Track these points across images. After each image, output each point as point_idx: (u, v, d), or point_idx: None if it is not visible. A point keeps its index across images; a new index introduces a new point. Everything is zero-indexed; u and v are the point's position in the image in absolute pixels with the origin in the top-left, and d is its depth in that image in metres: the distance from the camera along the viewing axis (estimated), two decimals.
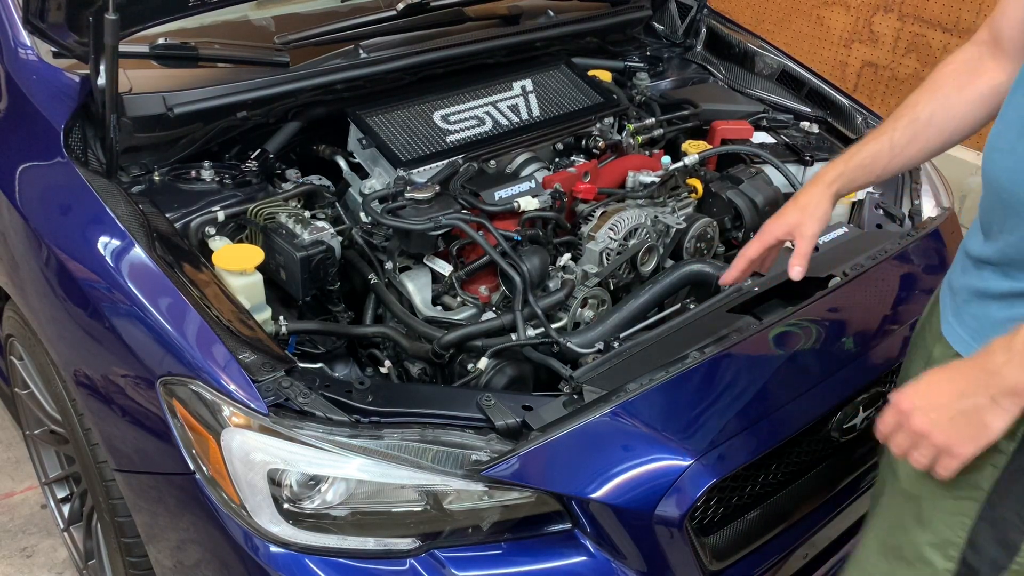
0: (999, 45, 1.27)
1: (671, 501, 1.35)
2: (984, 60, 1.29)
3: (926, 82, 1.33)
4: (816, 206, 1.35)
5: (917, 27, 3.96)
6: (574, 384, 1.46)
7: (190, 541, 1.47)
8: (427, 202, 1.69)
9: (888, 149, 1.33)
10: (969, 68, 1.30)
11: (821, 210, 1.35)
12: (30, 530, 2.28)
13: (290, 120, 1.91)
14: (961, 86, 1.29)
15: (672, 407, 1.44)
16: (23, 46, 1.76)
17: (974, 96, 1.29)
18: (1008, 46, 1.25)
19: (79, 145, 1.67)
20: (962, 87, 1.29)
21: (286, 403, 1.31)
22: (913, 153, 1.34)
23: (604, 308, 1.78)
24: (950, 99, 1.30)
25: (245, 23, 2.15)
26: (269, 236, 1.65)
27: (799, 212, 1.37)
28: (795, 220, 1.37)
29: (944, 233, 1.99)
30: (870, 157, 1.35)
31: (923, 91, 1.33)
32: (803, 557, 1.66)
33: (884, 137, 1.34)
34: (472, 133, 1.93)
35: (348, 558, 1.32)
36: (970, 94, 1.29)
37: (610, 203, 1.89)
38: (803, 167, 2.18)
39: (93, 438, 1.60)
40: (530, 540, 1.37)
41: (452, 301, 1.74)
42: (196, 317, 1.39)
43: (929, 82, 1.33)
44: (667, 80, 2.47)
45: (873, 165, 1.35)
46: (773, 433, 1.48)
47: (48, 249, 1.59)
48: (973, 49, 1.31)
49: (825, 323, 1.64)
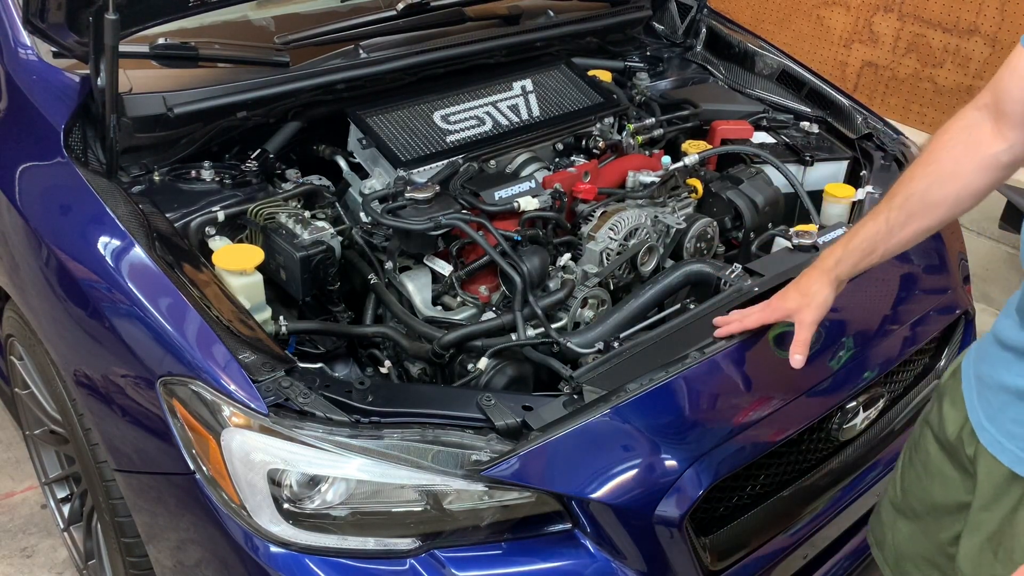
0: (1001, 111, 1.19)
1: (671, 501, 1.35)
2: (983, 127, 1.22)
3: (923, 153, 1.27)
4: (817, 293, 1.37)
5: (917, 27, 3.96)
6: (574, 384, 1.46)
7: (190, 541, 1.47)
8: (427, 202, 1.69)
9: (885, 231, 1.30)
10: (967, 138, 1.23)
11: (821, 297, 1.37)
12: (30, 530, 2.28)
13: (290, 120, 1.91)
14: (957, 159, 1.23)
15: (672, 407, 1.44)
16: (23, 46, 1.76)
17: (970, 167, 1.22)
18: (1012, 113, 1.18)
19: (79, 145, 1.67)
20: (958, 160, 1.23)
21: (286, 403, 1.31)
22: (908, 234, 1.29)
23: (604, 308, 1.78)
24: (945, 175, 1.23)
25: (245, 23, 2.15)
26: (269, 236, 1.65)
27: (800, 297, 1.39)
28: (795, 306, 1.40)
29: (944, 233, 1.99)
30: (867, 242, 1.32)
31: (917, 165, 1.27)
32: (803, 557, 1.66)
33: (880, 217, 1.31)
34: (472, 133, 1.93)
35: (348, 558, 1.32)
36: (966, 165, 1.22)
37: (610, 203, 1.89)
38: (803, 167, 2.18)
39: (93, 438, 1.60)
40: (530, 540, 1.37)
41: (452, 301, 1.74)
42: (196, 317, 1.39)
43: (926, 154, 1.27)
44: (667, 80, 2.47)
45: (872, 249, 1.33)
46: (773, 433, 1.48)
47: (48, 249, 1.59)
48: (974, 114, 1.24)
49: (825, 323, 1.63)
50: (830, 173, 2.21)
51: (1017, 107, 1.17)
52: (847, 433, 1.61)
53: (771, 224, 2.05)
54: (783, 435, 1.49)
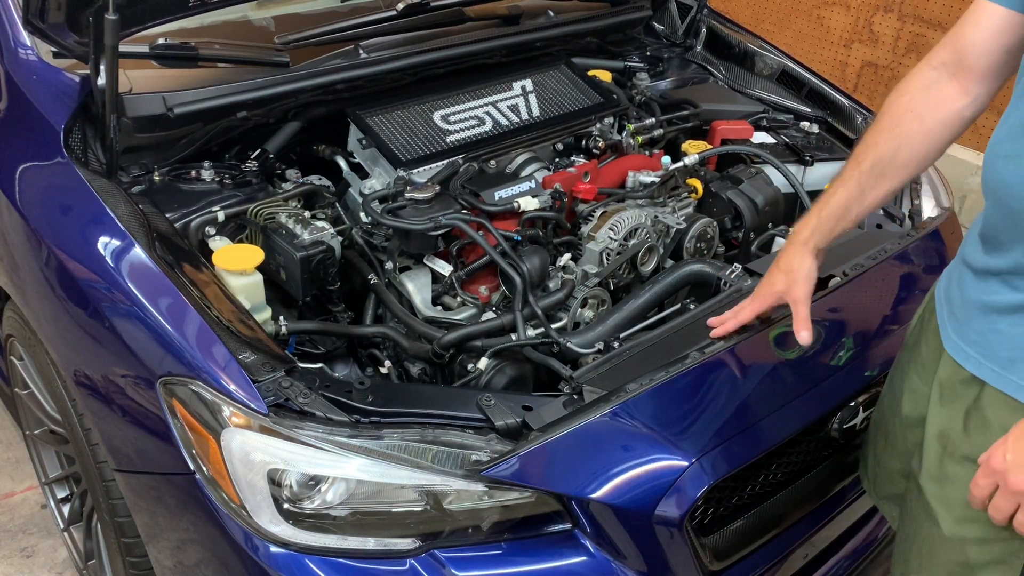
0: (963, 66, 1.22)
1: (671, 501, 1.35)
2: (943, 85, 1.25)
3: (882, 117, 1.30)
4: (800, 267, 1.38)
5: (917, 27, 3.96)
6: (574, 384, 1.46)
7: (190, 541, 1.47)
8: (427, 202, 1.69)
9: (858, 195, 1.32)
10: (928, 96, 1.26)
11: (804, 269, 1.38)
12: (30, 530, 2.28)
13: (290, 120, 1.91)
14: (921, 117, 1.26)
15: (672, 407, 1.44)
16: (23, 46, 1.76)
17: (935, 126, 1.25)
18: (975, 67, 1.21)
19: (79, 145, 1.67)
20: (922, 118, 1.26)
21: (286, 403, 1.31)
22: (881, 192, 1.32)
23: (604, 308, 1.78)
24: (911, 133, 1.27)
25: (245, 23, 2.15)
26: (269, 236, 1.65)
27: (785, 276, 1.41)
28: (782, 287, 1.41)
29: (944, 233, 1.99)
30: (840, 207, 1.34)
31: (881, 129, 1.29)
32: (803, 557, 1.66)
33: (852, 182, 1.32)
34: (472, 133, 1.93)
35: (348, 558, 1.32)
36: (931, 124, 1.25)
37: (610, 203, 1.89)
38: (803, 167, 2.18)
39: (93, 438, 1.60)
40: (530, 540, 1.37)
41: (452, 301, 1.74)
42: (196, 317, 1.39)
43: (886, 118, 1.29)
44: (667, 80, 2.47)
45: (846, 213, 1.35)
46: (773, 433, 1.48)
47: (48, 249, 1.59)
48: (931, 74, 1.26)
49: (825, 323, 1.64)
50: (830, 173, 2.21)
51: (981, 60, 1.20)
52: (847, 433, 1.61)
53: (771, 224, 2.05)
54: (783, 435, 1.49)
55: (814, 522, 1.65)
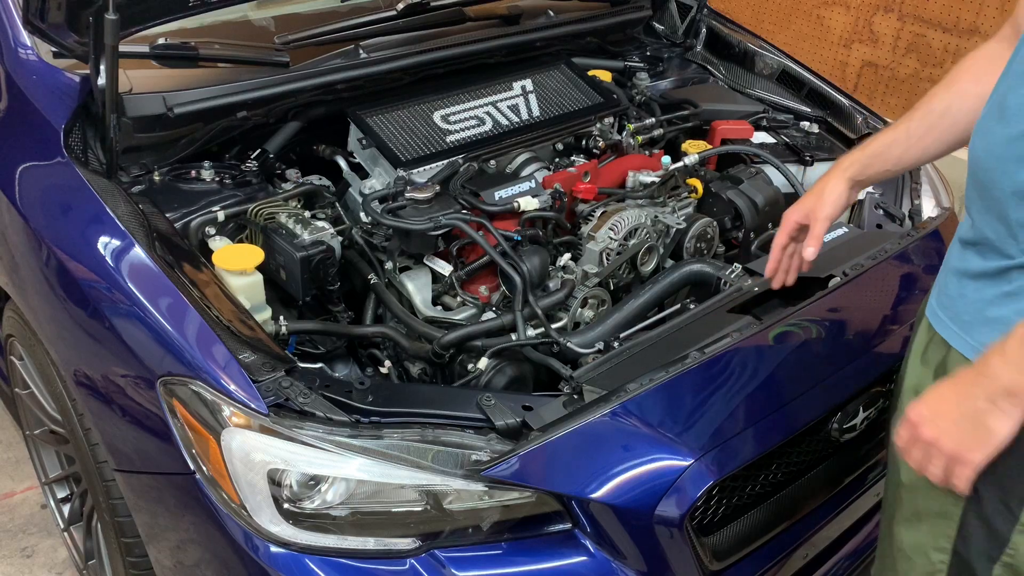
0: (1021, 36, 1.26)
1: (671, 501, 1.35)
2: (1004, 53, 1.28)
3: (946, 77, 1.35)
4: (831, 191, 1.41)
5: (917, 27, 3.96)
6: (574, 384, 1.46)
7: (190, 541, 1.47)
8: (427, 202, 1.69)
9: (904, 138, 1.36)
10: (988, 62, 1.30)
11: (835, 194, 1.41)
12: (30, 530, 2.28)
13: (290, 120, 1.91)
14: (978, 79, 1.30)
15: (672, 407, 1.44)
16: (23, 46, 1.76)
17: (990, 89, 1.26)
18: None
19: (79, 145, 1.67)
20: (979, 80, 1.30)
21: (286, 403, 1.31)
22: (929, 144, 1.35)
23: (604, 308, 1.78)
24: (966, 92, 1.31)
25: (245, 23, 2.15)
26: (269, 236, 1.65)
27: (815, 197, 1.44)
28: (810, 204, 1.44)
29: (944, 233, 1.98)
30: (885, 145, 1.38)
31: (941, 86, 1.35)
32: (803, 557, 1.66)
33: (901, 127, 1.37)
34: (472, 133, 1.93)
35: (348, 558, 1.32)
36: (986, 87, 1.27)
37: (610, 203, 1.89)
38: (803, 167, 2.18)
39: (93, 438, 1.60)
40: (530, 540, 1.37)
41: (452, 301, 1.74)
42: (196, 317, 1.39)
43: (948, 77, 1.34)
44: (667, 80, 2.47)
45: (888, 153, 1.38)
46: (773, 433, 1.48)
47: (48, 249, 1.59)
48: (995, 45, 1.32)
49: (825, 323, 1.64)
50: None
51: None
52: (847, 433, 1.61)
53: (771, 224, 2.04)
54: (783, 435, 1.49)
55: (814, 522, 1.65)
